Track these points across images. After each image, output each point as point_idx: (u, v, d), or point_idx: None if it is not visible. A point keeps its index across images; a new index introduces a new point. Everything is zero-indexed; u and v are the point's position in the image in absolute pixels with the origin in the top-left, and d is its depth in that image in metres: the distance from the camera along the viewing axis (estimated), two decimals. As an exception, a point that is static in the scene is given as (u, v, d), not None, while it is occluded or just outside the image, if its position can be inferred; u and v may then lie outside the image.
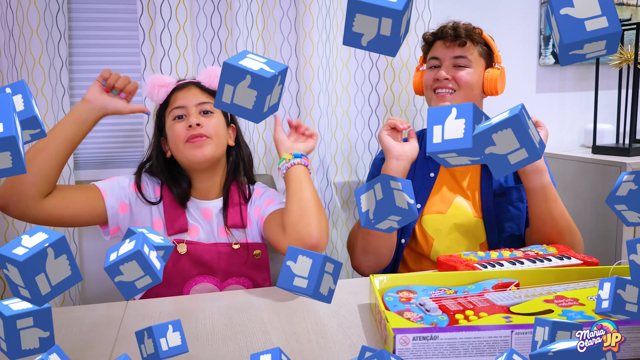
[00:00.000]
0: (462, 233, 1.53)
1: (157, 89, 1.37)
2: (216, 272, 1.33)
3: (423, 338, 0.78)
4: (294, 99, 1.91)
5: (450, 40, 1.53)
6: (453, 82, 1.52)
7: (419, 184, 1.56)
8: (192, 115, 1.31)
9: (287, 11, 1.86)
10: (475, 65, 1.55)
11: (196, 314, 1.04)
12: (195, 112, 1.32)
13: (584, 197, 2.02)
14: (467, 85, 1.53)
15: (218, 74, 1.26)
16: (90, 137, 1.90)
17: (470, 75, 1.53)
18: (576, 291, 0.95)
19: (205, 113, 1.34)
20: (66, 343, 0.92)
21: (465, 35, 1.52)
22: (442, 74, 1.52)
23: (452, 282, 1.03)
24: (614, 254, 1.88)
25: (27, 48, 1.65)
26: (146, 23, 1.75)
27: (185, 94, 1.35)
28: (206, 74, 1.37)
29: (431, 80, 1.56)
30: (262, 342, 0.90)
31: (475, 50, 1.55)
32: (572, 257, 1.20)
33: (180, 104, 1.33)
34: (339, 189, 2.00)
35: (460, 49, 1.53)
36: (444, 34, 1.54)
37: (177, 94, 1.36)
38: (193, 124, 1.29)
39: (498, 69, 1.58)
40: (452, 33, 1.52)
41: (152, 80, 1.38)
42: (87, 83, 1.88)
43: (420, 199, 1.54)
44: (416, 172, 1.58)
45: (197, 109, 1.33)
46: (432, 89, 1.56)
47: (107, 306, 1.10)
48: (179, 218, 1.34)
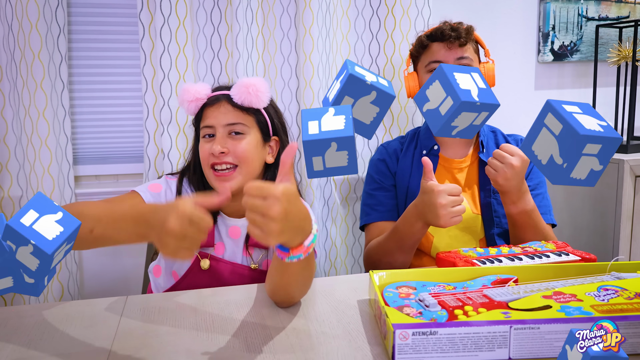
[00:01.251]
0: (461, 229, 1.53)
1: (187, 104, 1.29)
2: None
3: (422, 333, 0.78)
4: (294, 95, 1.91)
5: (452, 42, 1.52)
6: None
7: (416, 183, 1.55)
8: (219, 139, 1.24)
9: (287, 7, 1.86)
10: (474, 62, 1.57)
11: (196, 309, 1.04)
12: (223, 135, 1.25)
13: (581, 193, 2.02)
14: None
15: (251, 88, 1.23)
16: (89, 132, 1.92)
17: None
18: (574, 287, 0.95)
19: (235, 134, 1.26)
20: (66, 337, 0.93)
21: (465, 35, 1.52)
22: None
23: (451, 278, 1.03)
24: (611, 250, 1.89)
25: (26, 43, 1.65)
26: (146, 18, 1.75)
27: (215, 111, 1.26)
28: (239, 87, 1.25)
29: None
30: (262, 338, 0.91)
31: (471, 48, 1.56)
32: (570, 253, 1.20)
33: (209, 123, 1.26)
34: (339, 185, 2.01)
35: (461, 50, 1.53)
36: (445, 35, 1.52)
37: (208, 110, 1.28)
38: (216, 152, 1.22)
39: (491, 63, 1.62)
40: (454, 34, 1.51)
41: (183, 94, 1.29)
42: (87, 78, 1.89)
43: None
44: (413, 171, 1.59)
45: (225, 129, 1.26)
46: None
47: (107, 301, 1.10)
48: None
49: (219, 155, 1.23)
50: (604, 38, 2.25)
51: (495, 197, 1.53)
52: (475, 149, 1.60)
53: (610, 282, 0.97)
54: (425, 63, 1.58)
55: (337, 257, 2.01)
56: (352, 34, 1.96)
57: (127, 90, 1.94)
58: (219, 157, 1.23)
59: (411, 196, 1.55)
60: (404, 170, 1.61)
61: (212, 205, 0.87)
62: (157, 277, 1.36)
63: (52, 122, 1.71)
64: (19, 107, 1.69)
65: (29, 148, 1.70)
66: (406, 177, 1.59)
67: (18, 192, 1.78)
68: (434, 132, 0.91)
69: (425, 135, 1.63)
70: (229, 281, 1.27)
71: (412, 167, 1.59)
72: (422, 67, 1.60)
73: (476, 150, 1.59)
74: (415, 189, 1.54)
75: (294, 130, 1.91)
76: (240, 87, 1.24)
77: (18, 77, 1.67)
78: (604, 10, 2.26)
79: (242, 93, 1.24)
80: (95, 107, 1.92)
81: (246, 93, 1.23)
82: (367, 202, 1.63)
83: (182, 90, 1.29)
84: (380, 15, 1.94)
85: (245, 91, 1.24)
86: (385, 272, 1.04)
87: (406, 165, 1.61)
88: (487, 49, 1.63)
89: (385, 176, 1.62)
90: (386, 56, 1.95)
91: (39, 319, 1.00)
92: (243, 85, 1.24)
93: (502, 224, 1.53)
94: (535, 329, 0.79)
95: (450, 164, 1.58)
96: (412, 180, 1.57)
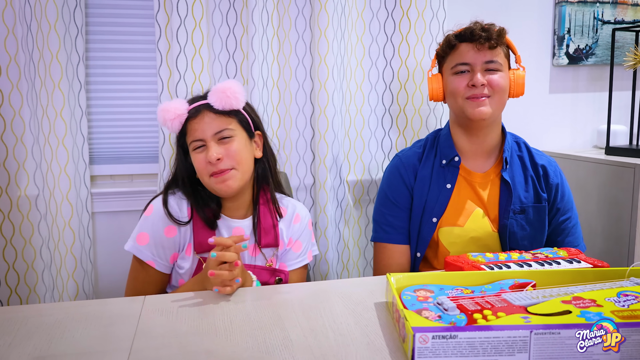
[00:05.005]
0: (478, 247, 1.49)
1: (170, 123, 1.31)
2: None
3: (442, 337, 0.78)
4: (309, 97, 1.91)
5: (482, 43, 1.43)
6: (488, 87, 1.44)
7: (435, 196, 1.50)
8: (211, 148, 1.28)
9: (302, 9, 1.87)
10: (504, 68, 1.48)
11: (214, 310, 1.05)
12: (214, 144, 1.29)
13: (596, 198, 2.01)
14: (501, 89, 1.46)
15: (228, 92, 1.26)
16: (105, 132, 1.93)
17: (503, 79, 1.46)
18: (593, 292, 0.95)
19: (224, 139, 1.30)
20: (86, 336, 0.93)
21: (497, 37, 1.44)
22: (479, 79, 1.43)
23: (469, 282, 1.03)
24: (626, 255, 1.88)
25: (44, 43, 1.67)
26: (163, 19, 1.77)
27: (199, 123, 1.29)
28: (217, 94, 1.29)
29: (463, 87, 1.46)
30: (281, 339, 0.91)
31: (502, 52, 1.48)
32: (581, 260, 1.20)
33: (198, 137, 1.29)
34: (352, 187, 2.01)
35: (491, 53, 1.45)
36: (475, 36, 1.44)
37: (192, 123, 1.31)
38: (212, 160, 1.27)
39: (521, 71, 1.53)
40: (484, 35, 1.43)
41: (162, 113, 1.31)
42: (103, 79, 1.90)
43: (436, 211, 1.50)
44: (432, 184, 1.52)
45: (215, 137, 1.29)
46: (464, 97, 1.46)
47: (125, 300, 1.11)
48: (207, 238, 1.28)
49: (215, 163, 1.27)
50: (619, 42, 2.24)
51: (516, 218, 1.48)
52: (497, 164, 1.53)
53: (629, 287, 0.97)
54: (452, 64, 1.49)
55: (349, 259, 2.01)
56: (367, 36, 1.96)
57: (144, 91, 1.95)
58: (216, 165, 1.27)
59: (429, 211, 1.50)
60: (423, 181, 1.53)
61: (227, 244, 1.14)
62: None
63: (69, 122, 1.73)
64: (37, 107, 1.70)
65: (46, 147, 1.72)
66: (425, 190, 1.52)
67: (35, 192, 1.80)
68: None
69: (445, 143, 1.55)
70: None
71: (431, 179, 1.52)
72: (448, 68, 1.51)
73: (499, 165, 1.52)
74: (434, 204, 1.50)
75: (310, 133, 1.92)
76: (218, 93, 1.28)
77: (36, 77, 1.68)
78: (619, 13, 2.24)
79: (221, 99, 1.28)
80: (112, 107, 1.94)
81: (225, 98, 1.28)
82: (376, 218, 1.59)
83: (161, 111, 1.31)
84: (395, 17, 1.94)
85: (223, 96, 1.28)
86: (402, 275, 1.04)
87: (425, 177, 1.53)
88: (518, 55, 1.54)
89: (399, 193, 1.55)
90: (401, 59, 1.95)
91: (59, 318, 1.01)
92: (220, 91, 1.28)
93: (518, 245, 1.49)
94: (555, 334, 0.79)
95: (471, 177, 1.52)
96: (431, 194, 1.51)
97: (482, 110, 1.44)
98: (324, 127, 1.88)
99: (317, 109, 1.87)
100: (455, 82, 1.48)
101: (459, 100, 1.48)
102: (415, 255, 1.54)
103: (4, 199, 1.77)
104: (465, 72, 1.47)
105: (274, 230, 1.38)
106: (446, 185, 1.51)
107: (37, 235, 1.81)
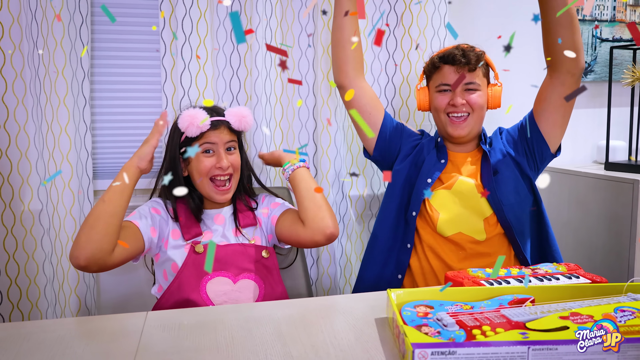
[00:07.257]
0: (466, 207, 1.59)
1: (194, 128, 1.43)
2: (230, 268, 1.44)
3: (441, 353, 0.79)
4: (311, 112, 1.93)
5: (462, 66, 1.59)
6: (467, 106, 1.60)
7: (431, 164, 1.64)
8: (222, 156, 1.47)
9: (306, 27, 1.90)
10: (482, 86, 1.64)
11: (215, 326, 1.06)
12: (224, 151, 1.48)
13: (596, 213, 2.02)
14: (479, 107, 1.62)
15: (245, 118, 1.48)
16: (109, 147, 1.95)
17: (481, 97, 1.62)
18: (591, 308, 0.96)
19: (228, 149, 1.50)
20: (88, 353, 0.94)
21: (475, 61, 1.59)
22: (459, 100, 1.59)
23: (469, 298, 1.04)
24: (626, 270, 1.88)
25: (50, 60, 1.69)
26: (167, 36, 1.79)
27: (217, 133, 1.47)
28: (236, 116, 1.48)
29: (444, 104, 1.63)
30: (282, 355, 0.92)
31: (480, 72, 1.63)
32: (580, 276, 1.21)
33: (212, 140, 1.47)
34: (354, 202, 2.02)
35: (470, 75, 1.60)
36: (455, 61, 1.59)
37: (209, 132, 1.47)
38: (225, 167, 1.47)
39: (499, 86, 1.68)
40: (464, 61, 1.58)
41: (190, 118, 1.43)
42: (108, 94, 1.92)
43: (431, 174, 1.63)
44: (426, 157, 1.66)
45: (224, 146, 1.48)
46: (446, 113, 1.63)
47: (127, 316, 1.12)
48: (193, 226, 1.49)
49: (224, 168, 1.47)
50: (617, 59, 2.26)
51: (495, 179, 1.59)
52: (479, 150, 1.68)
53: (627, 303, 0.98)
54: (436, 83, 1.65)
55: (352, 273, 2.02)
56: (369, 52, 1.98)
57: (148, 107, 1.97)
58: (224, 170, 1.47)
59: (425, 172, 1.63)
60: (420, 148, 1.68)
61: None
62: (159, 292, 1.48)
63: (73, 138, 1.75)
64: (42, 123, 1.72)
65: (50, 162, 1.74)
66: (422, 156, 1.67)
67: (38, 206, 1.81)
68: None
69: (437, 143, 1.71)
70: (225, 258, 1.44)
71: (422, 152, 1.67)
72: (433, 86, 1.67)
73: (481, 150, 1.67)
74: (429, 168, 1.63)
75: (312, 148, 1.93)
76: (237, 116, 1.49)
77: (42, 93, 1.71)
78: (618, 31, 2.27)
79: (238, 122, 1.49)
80: (116, 123, 1.96)
81: (241, 121, 1.50)
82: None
83: (188, 116, 1.43)
84: (397, 34, 1.97)
85: (242, 120, 1.50)
86: (402, 291, 1.05)
87: (423, 145, 1.69)
88: (496, 72, 1.69)
89: (391, 124, 1.71)
90: (402, 75, 1.97)
91: (61, 334, 1.02)
92: (238, 114, 1.50)
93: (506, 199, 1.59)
94: (553, 349, 0.80)
95: (455, 159, 1.66)
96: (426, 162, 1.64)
97: (460, 133, 1.62)
98: (326, 142, 1.90)
99: (320, 125, 1.89)
100: (438, 100, 1.65)
101: (442, 116, 1.65)
102: (412, 214, 1.62)
103: (8, 213, 1.79)
104: (448, 91, 1.63)
105: (251, 212, 1.56)
106: (440, 160, 1.65)
107: (39, 250, 1.82)
